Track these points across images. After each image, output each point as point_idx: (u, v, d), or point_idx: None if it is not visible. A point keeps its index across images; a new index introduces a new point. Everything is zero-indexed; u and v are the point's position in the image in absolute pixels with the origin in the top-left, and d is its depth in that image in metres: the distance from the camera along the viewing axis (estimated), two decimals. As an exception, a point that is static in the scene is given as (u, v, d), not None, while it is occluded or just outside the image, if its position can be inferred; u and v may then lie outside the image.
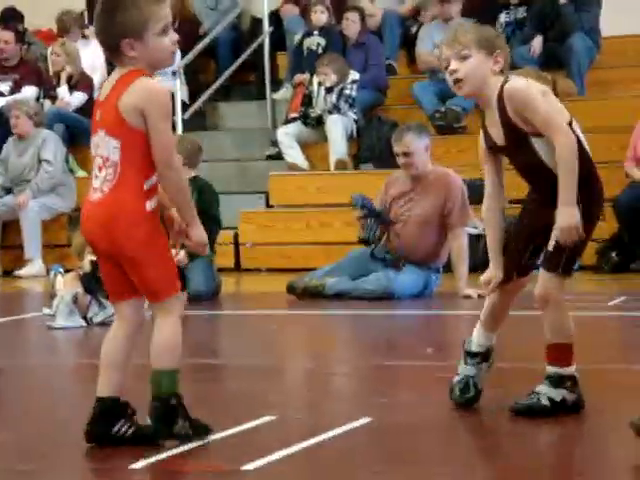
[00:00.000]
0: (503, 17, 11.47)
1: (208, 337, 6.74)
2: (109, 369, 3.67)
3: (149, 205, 3.56)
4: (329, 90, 10.64)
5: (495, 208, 4.03)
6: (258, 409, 3.97)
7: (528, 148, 3.90)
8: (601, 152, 10.02)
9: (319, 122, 10.71)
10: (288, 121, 11.01)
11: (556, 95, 12.13)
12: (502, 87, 3.90)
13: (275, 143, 10.94)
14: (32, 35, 12.71)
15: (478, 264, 9.15)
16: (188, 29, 12.06)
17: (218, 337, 6.86)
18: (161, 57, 3.61)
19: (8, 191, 10.75)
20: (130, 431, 3.61)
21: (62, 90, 11.30)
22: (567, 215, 3.81)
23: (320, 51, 11.22)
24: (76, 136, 11.14)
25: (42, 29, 13.00)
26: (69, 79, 11.32)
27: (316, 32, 11.38)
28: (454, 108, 10.62)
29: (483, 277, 4.07)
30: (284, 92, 11.57)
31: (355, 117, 10.71)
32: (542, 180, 3.93)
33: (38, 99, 11.44)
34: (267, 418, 3.92)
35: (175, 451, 3.55)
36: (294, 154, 10.67)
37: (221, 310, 7.82)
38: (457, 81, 3.93)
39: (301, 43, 11.48)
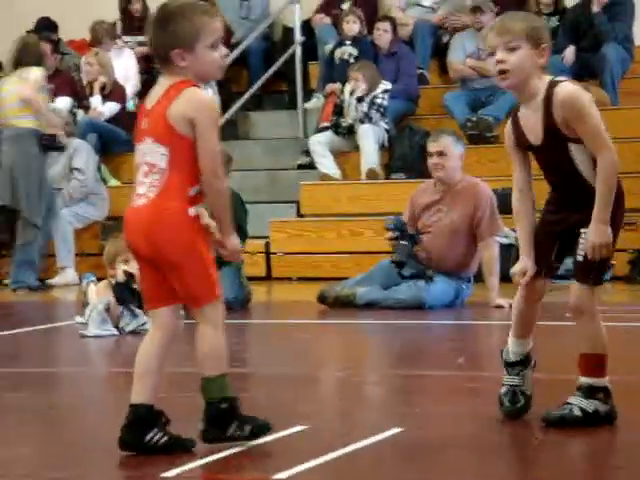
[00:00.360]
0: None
1: (238, 346, 6.74)
2: (143, 376, 3.70)
3: (192, 211, 3.63)
4: (360, 99, 10.65)
5: (525, 199, 4.00)
6: (290, 418, 3.97)
7: (565, 152, 3.88)
8: (634, 161, 9.99)
9: (350, 131, 10.71)
10: (319, 130, 11.02)
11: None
12: (551, 89, 3.86)
13: (307, 152, 10.95)
14: (66, 45, 12.79)
15: (507, 275, 9.14)
16: (220, 39, 12.12)
17: (249, 346, 6.87)
18: (209, 70, 3.70)
19: (41, 200, 10.80)
20: (163, 440, 3.63)
21: (95, 100, 11.36)
22: (601, 233, 3.82)
23: (352, 61, 11.22)
24: (108, 146, 11.21)
25: (75, 39, 13.09)
26: (102, 89, 11.39)
27: (348, 42, 11.40)
28: (486, 118, 10.60)
29: (515, 269, 4.03)
30: (315, 102, 11.59)
31: (387, 127, 10.71)
32: (570, 184, 3.92)
33: (71, 109, 11.51)
34: (298, 427, 3.93)
35: (207, 460, 3.55)
36: (327, 163, 10.68)
37: (251, 319, 7.83)
38: (503, 72, 3.88)
39: (333, 53, 11.50)
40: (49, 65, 11.06)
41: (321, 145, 10.70)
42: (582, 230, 3.88)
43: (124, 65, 11.88)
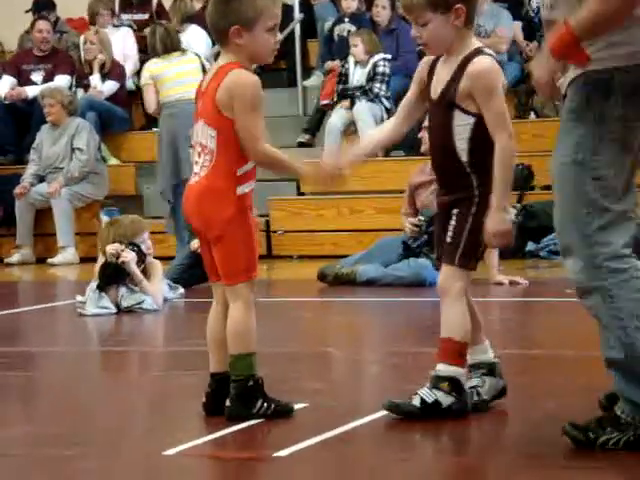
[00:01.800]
0: (535, 2, 11.40)
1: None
2: (217, 348, 3.85)
3: (240, 189, 3.75)
4: (363, 65, 10.58)
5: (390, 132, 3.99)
6: (290, 396, 3.98)
7: (448, 119, 3.75)
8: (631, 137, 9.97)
9: (352, 104, 10.65)
10: (319, 107, 10.99)
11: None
12: (472, 56, 3.73)
13: (307, 130, 10.91)
14: (64, 24, 12.75)
15: (508, 251, 9.15)
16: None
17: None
18: (263, 52, 3.77)
19: (41, 179, 10.82)
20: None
21: (95, 78, 11.33)
22: (500, 220, 3.68)
23: (351, 38, 11.18)
24: (108, 124, 11.18)
25: (74, 17, 13.04)
26: (101, 67, 11.36)
27: (347, 19, 11.36)
28: (486, 93, 10.56)
29: None
30: (315, 79, 11.57)
31: (387, 105, 10.67)
32: (445, 160, 3.78)
33: (70, 87, 11.49)
34: (299, 405, 3.94)
35: (209, 438, 3.57)
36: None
37: (252, 297, 7.83)
38: (424, 45, 3.80)
39: (332, 30, 11.47)
40: None
41: (363, 117, 10.53)
42: (453, 211, 3.75)
43: (122, 43, 11.84)
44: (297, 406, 3.93)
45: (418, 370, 4.82)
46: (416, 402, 3.71)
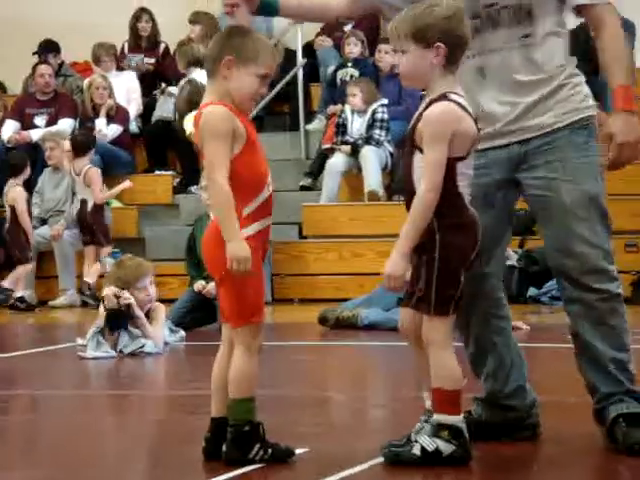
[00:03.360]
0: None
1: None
2: (217, 391, 3.82)
3: (244, 231, 3.66)
4: (361, 114, 10.64)
5: None
6: (290, 441, 3.96)
7: (410, 158, 3.70)
8: (635, 184, 9.99)
9: (354, 151, 10.71)
10: (321, 152, 11.03)
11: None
12: (436, 99, 3.64)
13: (309, 174, 10.95)
14: (68, 67, 12.84)
15: (513, 295, 9.14)
16: (223, 61, 12.16)
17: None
18: (245, 94, 3.67)
19: (43, 222, 10.83)
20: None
21: (100, 122, 11.39)
22: (392, 262, 3.62)
23: (353, 82, 11.25)
24: (111, 167, 11.22)
25: (78, 61, 13.13)
26: (108, 111, 11.42)
27: (350, 64, 11.43)
28: (488, 139, 10.61)
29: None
30: (317, 123, 11.62)
31: (390, 149, 10.72)
32: (409, 200, 3.70)
33: (73, 131, 11.54)
34: (298, 450, 3.91)
35: (207, 483, 3.54)
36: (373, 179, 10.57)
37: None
38: (400, 74, 3.75)
39: (335, 74, 11.53)
40: None
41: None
42: (422, 258, 3.66)
43: (126, 86, 11.91)
44: (297, 451, 3.90)
45: (419, 416, 4.80)
46: (416, 451, 3.67)
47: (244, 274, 3.60)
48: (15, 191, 10.35)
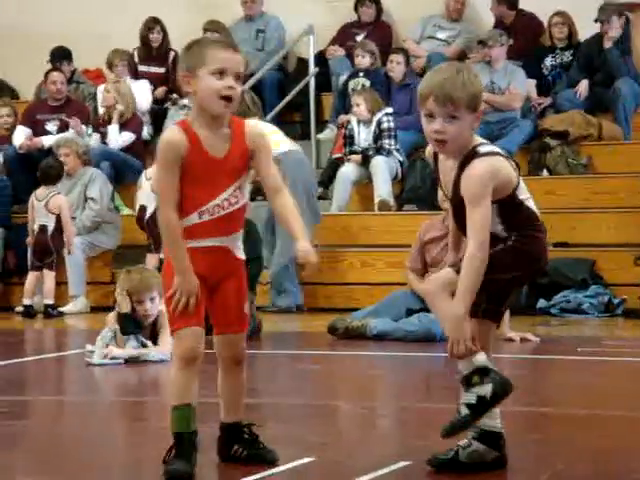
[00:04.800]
0: (549, 61, 11.48)
1: (247, 376, 6.71)
2: (220, 397, 3.99)
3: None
4: (367, 124, 10.64)
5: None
6: (297, 450, 3.95)
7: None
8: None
9: (364, 161, 10.71)
10: (332, 161, 11.04)
11: (601, 138, 12.07)
12: (471, 157, 3.66)
13: (320, 183, 10.96)
14: (81, 74, 12.87)
15: (522, 307, 9.12)
16: (234, 70, 12.18)
17: (257, 377, 6.84)
18: (207, 96, 3.67)
19: (55, 229, 10.84)
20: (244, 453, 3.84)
21: (112, 129, 11.41)
22: (454, 328, 3.65)
23: (365, 92, 11.25)
24: (122, 174, 11.24)
25: (90, 68, 13.17)
26: (119, 118, 11.44)
27: (361, 73, 11.44)
28: (498, 150, 10.61)
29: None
30: (329, 132, 11.63)
31: (401, 158, 10.73)
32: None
33: (84, 137, 11.56)
34: (306, 459, 3.91)
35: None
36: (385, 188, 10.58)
37: (262, 349, 7.81)
38: (442, 141, 3.69)
39: (346, 84, 11.54)
40: None
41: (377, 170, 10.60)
42: None
43: (139, 95, 11.93)
44: (304, 460, 3.89)
45: (427, 426, 4.80)
46: (464, 410, 3.71)
47: (188, 305, 3.69)
48: (59, 199, 10.35)
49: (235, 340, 3.89)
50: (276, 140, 9.42)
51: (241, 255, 3.82)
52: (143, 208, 10.30)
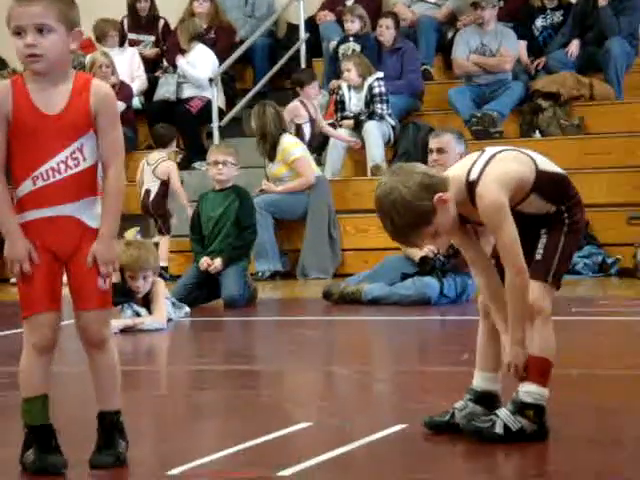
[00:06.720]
0: (540, 21, 11.44)
1: (243, 343, 6.76)
2: None
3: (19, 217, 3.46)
4: (358, 90, 10.63)
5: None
6: (294, 416, 3.98)
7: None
8: (638, 155, 9.97)
9: (356, 126, 10.69)
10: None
11: (593, 99, 12.03)
12: (469, 189, 3.66)
13: (314, 149, 10.94)
14: (70, 44, 12.79)
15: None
16: (224, 37, 12.14)
17: (253, 343, 6.88)
18: (18, 57, 3.46)
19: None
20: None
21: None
22: (513, 354, 3.66)
23: (356, 57, 11.21)
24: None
25: (80, 37, 13.09)
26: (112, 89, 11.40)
27: (351, 38, 11.40)
28: (490, 113, 10.60)
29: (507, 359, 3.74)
30: (320, 98, 11.59)
31: (393, 123, 10.71)
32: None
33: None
34: (303, 425, 3.93)
35: (213, 457, 3.56)
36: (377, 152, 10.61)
37: (256, 316, 7.84)
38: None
39: (337, 49, 11.50)
40: None
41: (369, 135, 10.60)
42: (542, 230, 3.72)
43: (129, 63, 11.89)
44: (301, 425, 3.92)
45: (423, 389, 4.83)
46: (499, 430, 3.65)
47: (19, 275, 3.40)
48: (167, 165, 10.29)
49: (89, 319, 3.48)
50: (308, 161, 9.89)
51: (95, 224, 3.44)
52: (148, 192, 10.32)
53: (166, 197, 10.20)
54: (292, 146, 9.88)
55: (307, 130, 10.36)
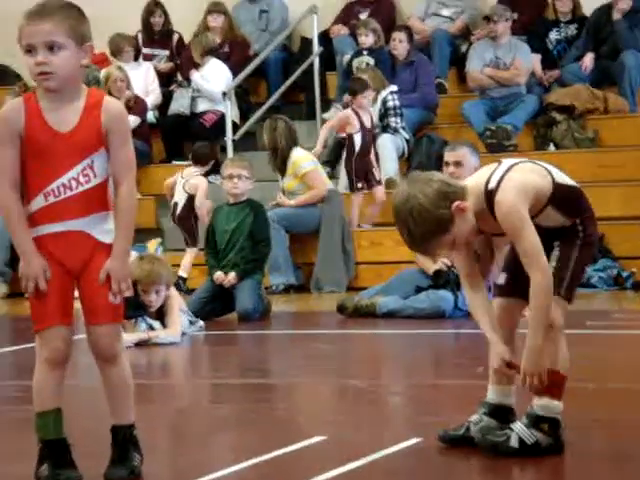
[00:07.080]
0: (554, 34, 11.45)
1: (257, 357, 6.75)
2: None
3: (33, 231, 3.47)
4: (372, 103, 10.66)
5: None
6: (308, 429, 3.97)
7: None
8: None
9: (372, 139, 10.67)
10: (338, 140, 11.02)
11: (607, 112, 12.02)
12: (488, 198, 3.64)
13: (327, 162, 10.95)
14: (84, 58, 12.83)
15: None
16: (238, 51, 12.17)
17: (268, 356, 6.87)
18: (30, 75, 3.46)
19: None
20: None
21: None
22: (532, 362, 3.63)
23: (369, 71, 11.22)
24: (128, 158, 11.22)
25: (95, 52, 13.13)
26: (127, 102, 11.43)
27: (365, 52, 11.42)
28: (504, 126, 10.60)
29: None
30: (334, 112, 11.60)
31: (407, 136, 10.71)
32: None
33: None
34: (317, 438, 3.92)
35: (225, 471, 3.56)
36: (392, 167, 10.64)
37: (270, 330, 7.84)
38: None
39: (350, 63, 11.52)
40: None
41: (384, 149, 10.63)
42: (555, 243, 3.72)
43: (143, 77, 11.93)
44: (315, 439, 3.91)
45: (437, 402, 4.82)
46: (514, 443, 3.63)
47: (33, 293, 3.41)
48: (198, 180, 10.33)
49: (99, 333, 3.48)
50: (320, 174, 9.95)
51: (106, 239, 3.46)
52: (176, 205, 10.36)
53: (192, 211, 10.23)
54: (302, 159, 9.89)
55: (358, 140, 10.31)
